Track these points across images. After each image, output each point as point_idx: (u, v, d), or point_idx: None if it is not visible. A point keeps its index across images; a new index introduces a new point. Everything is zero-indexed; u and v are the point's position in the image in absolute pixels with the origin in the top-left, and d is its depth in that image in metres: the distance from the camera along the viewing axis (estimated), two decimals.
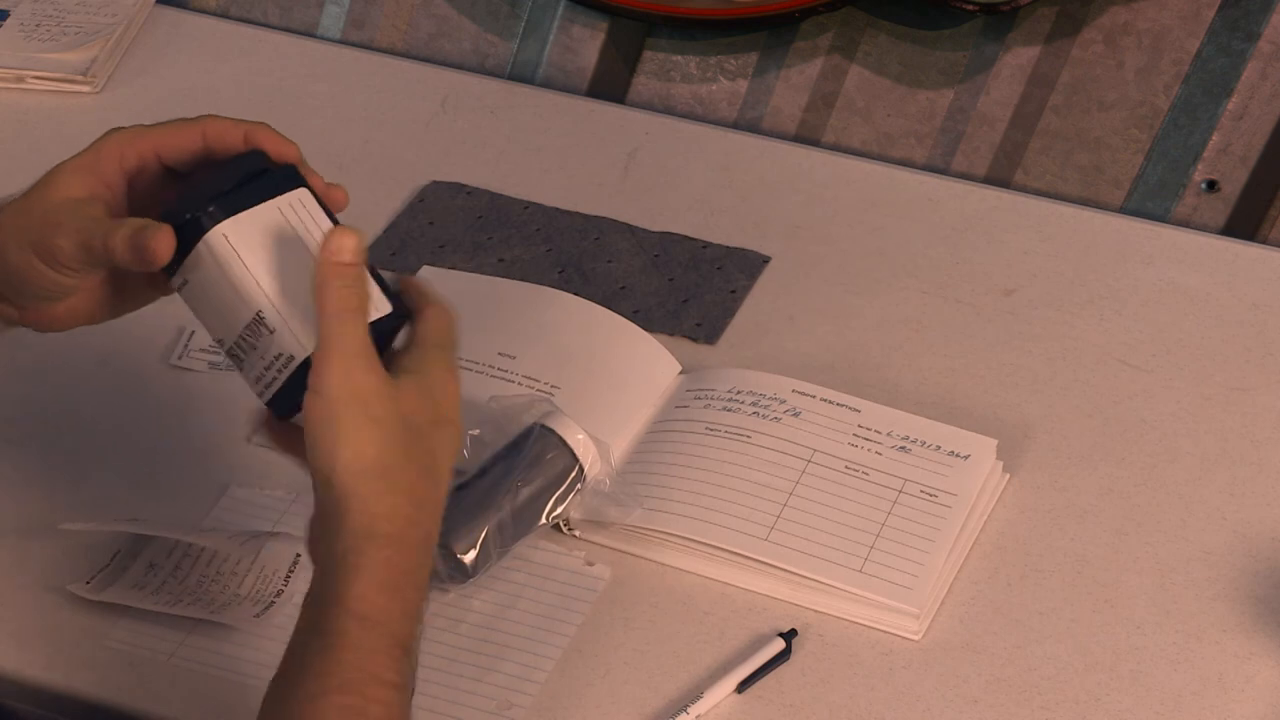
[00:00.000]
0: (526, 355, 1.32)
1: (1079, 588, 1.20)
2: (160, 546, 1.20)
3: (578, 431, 1.22)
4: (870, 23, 1.56)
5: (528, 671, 1.14)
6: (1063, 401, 1.32)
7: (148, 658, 1.16)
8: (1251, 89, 1.48)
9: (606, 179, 1.53)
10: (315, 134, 1.58)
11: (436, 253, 1.45)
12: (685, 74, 1.62)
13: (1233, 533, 1.23)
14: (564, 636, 1.16)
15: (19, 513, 1.24)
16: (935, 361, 1.35)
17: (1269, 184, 1.49)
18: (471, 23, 1.67)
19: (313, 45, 1.70)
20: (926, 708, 1.13)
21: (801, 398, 1.28)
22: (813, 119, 1.60)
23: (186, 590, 1.18)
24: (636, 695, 1.13)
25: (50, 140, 1.57)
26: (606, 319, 1.34)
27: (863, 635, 1.17)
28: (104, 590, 1.18)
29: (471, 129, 1.59)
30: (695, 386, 1.30)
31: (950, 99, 1.56)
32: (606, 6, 1.61)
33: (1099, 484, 1.26)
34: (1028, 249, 1.45)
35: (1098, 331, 1.38)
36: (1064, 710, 1.13)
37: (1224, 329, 1.38)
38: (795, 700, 1.13)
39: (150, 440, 1.29)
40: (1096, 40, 1.51)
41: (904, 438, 1.26)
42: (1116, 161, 1.53)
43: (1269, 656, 1.15)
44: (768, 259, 1.44)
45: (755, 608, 1.19)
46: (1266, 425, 1.30)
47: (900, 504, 1.22)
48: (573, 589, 1.19)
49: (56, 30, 1.67)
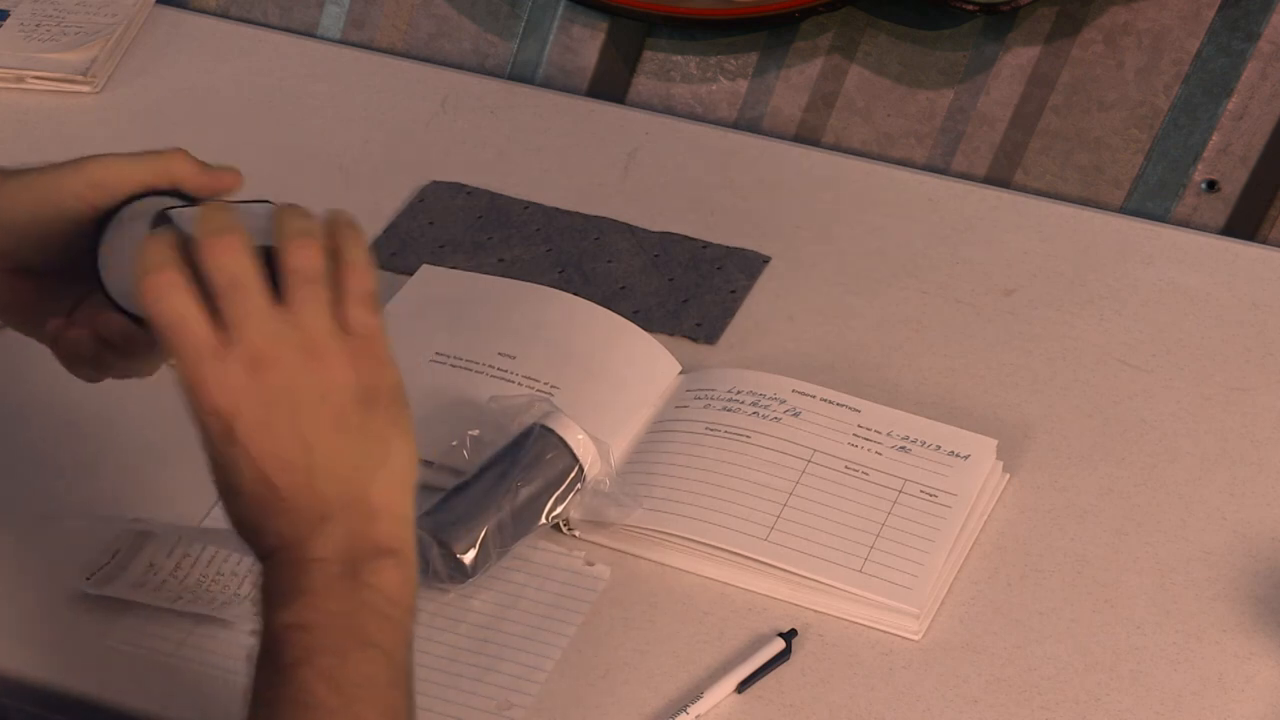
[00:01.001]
0: (526, 355, 1.32)
1: (1079, 588, 1.20)
2: (161, 546, 1.20)
3: (578, 431, 1.22)
4: (870, 23, 1.56)
5: (528, 671, 1.14)
6: (1063, 401, 1.32)
7: (148, 657, 1.16)
8: (1251, 89, 1.48)
9: (606, 179, 1.53)
10: (315, 134, 1.58)
11: (436, 253, 1.45)
12: (685, 74, 1.62)
13: (1233, 533, 1.23)
14: (564, 636, 1.16)
15: (19, 513, 1.24)
16: (935, 361, 1.35)
17: (1269, 184, 1.49)
18: (471, 23, 1.67)
19: (313, 45, 1.70)
20: (926, 708, 1.13)
21: (801, 398, 1.28)
22: (813, 119, 1.60)
23: (186, 589, 1.18)
24: (636, 695, 1.13)
25: (50, 140, 1.57)
26: (606, 319, 1.34)
27: (863, 635, 1.17)
28: (104, 587, 1.18)
29: (471, 129, 1.59)
30: (695, 386, 1.30)
31: (950, 99, 1.56)
32: (606, 6, 1.61)
33: (1099, 484, 1.26)
34: (1028, 249, 1.45)
35: (1098, 331, 1.38)
36: (1064, 710, 1.13)
37: (1224, 329, 1.38)
38: (795, 700, 1.13)
39: (150, 440, 1.29)
40: (1096, 40, 1.51)
41: (904, 438, 1.26)
42: (1116, 161, 1.53)
43: (1269, 656, 1.15)
44: (768, 259, 1.44)
45: (755, 608, 1.19)
46: (1266, 425, 1.30)
47: (900, 504, 1.22)
48: (573, 589, 1.19)
49: (56, 30, 1.67)
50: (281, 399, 0.96)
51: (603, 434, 1.24)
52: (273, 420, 0.96)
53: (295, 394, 0.96)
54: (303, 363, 0.97)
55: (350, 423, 0.97)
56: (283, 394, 0.96)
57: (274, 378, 0.96)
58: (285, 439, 0.96)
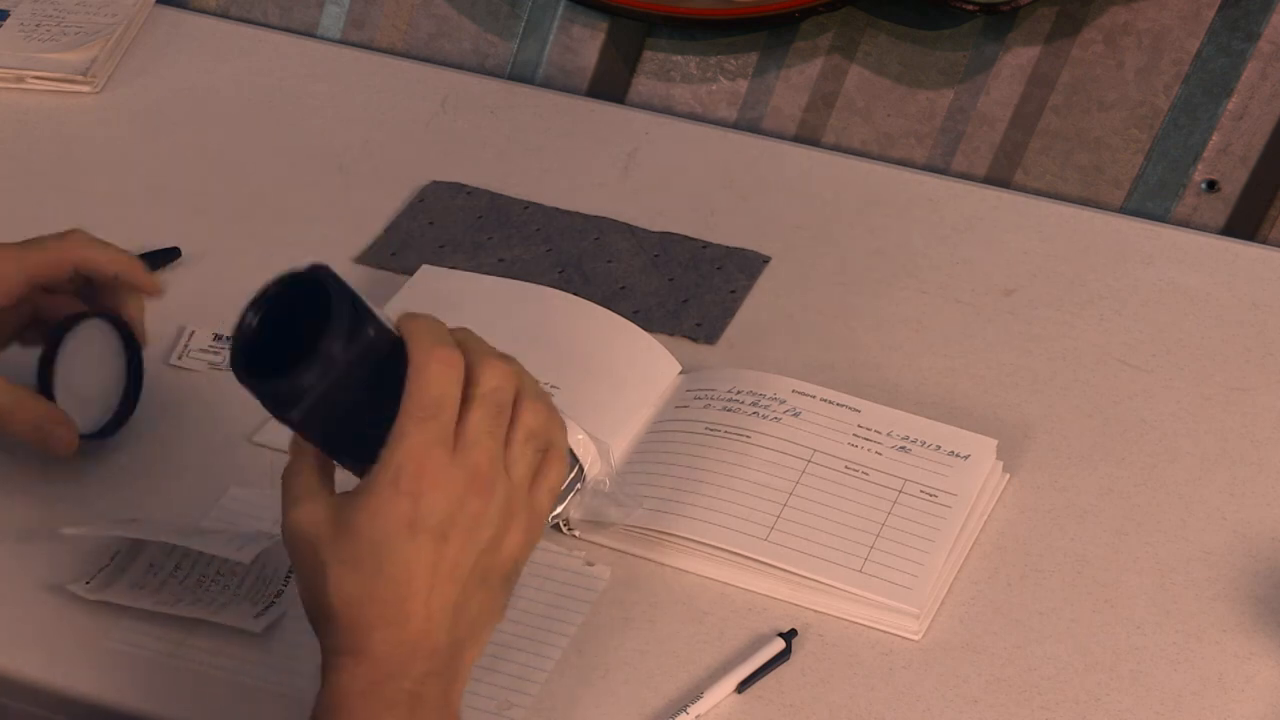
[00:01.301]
0: (526, 355, 1.31)
1: (1079, 588, 1.20)
2: (160, 546, 1.20)
3: (577, 431, 1.22)
4: (870, 23, 1.56)
5: (528, 671, 1.14)
6: (1063, 401, 1.32)
7: (148, 658, 1.16)
8: (1251, 89, 1.48)
9: (606, 179, 1.53)
10: (315, 134, 1.58)
11: (436, 253, 1.45)
12: (685, 74, 1.62)
13: (1233, 533, 1.23)
14: (564, 637, 1.16)
15: (19, 513, 1.24)
16: (935, 361, 1.35)
17: (1269, 184, 1.49)
18: (471, 23, 1.67)
19: (313, 45, 1.70)
20: (926, 708, 1.13)
21: (801, 398, 1.28)
22: (813, 119, 1.60)
23: (186, 590, 1.18)
24: (636, 695, 1.13)
25: (50, 140, 1.57)
26: (606, 319, 1.34)
27: (863, 635, 1.17)
28: (103, 590, 1.17)
29: (471, 129, 1.59)
30: (695, 386, 1.30)
31: (950, 99, 1.56)
32: (606, 6, 1.61)
33: (1099, 484, 1.26)
34: (1028, 249, 1.45)
35: (1098, 331, 1.38)
36: (1064, 710, 1.13)
37: (1224, 329, 1.38)
38: (795, 700, 1.13)
39: (150, 440, 1.29)
40: (1096, 40, 1.51)
41: (904, 438, 1.26)
42: (1116, 161, 1.53)
43: (1269, 656, 1.15)
44: (768, 259, 1.44)
45: (755, 608, 1.19)
46: (1266, 425, 1.30)
47: (900, 504, 1.22)
48: (573, 589, 1.19)
49: (56, 30, 1.67)
50: (468, 524, 0.98)
51: (603, 434, 1.24)
52: (452, 535, 0.97)
53: (481, 530, 0.99)
54: (501, 510, 0.99)
55: (492, 585, 1.01)
56: (473, 521, 0.98)
57: (475, 504, 0.98)
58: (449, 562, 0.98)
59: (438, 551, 0.97)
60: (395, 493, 0.96)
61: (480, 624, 1.01)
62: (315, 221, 1.49)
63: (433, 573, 0.97)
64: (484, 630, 1.02)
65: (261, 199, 1.52)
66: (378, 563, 0.97)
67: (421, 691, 0.98)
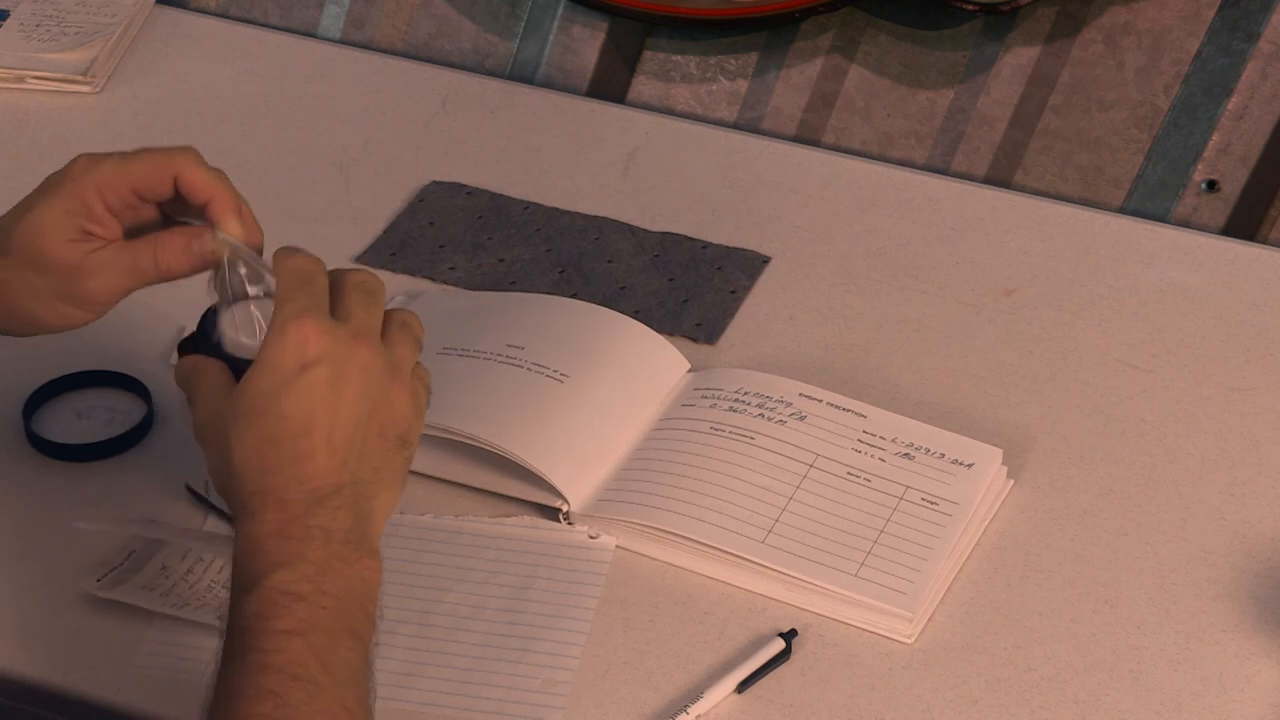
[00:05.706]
0: (535, 345, 1.31)
1: (1079, 588, 1.20)
2: (175, 549, 1.20)
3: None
4: (870, 23, 1.56)
5: (561, 648, 1.15)
6: (1063, 401, 1.32)
7: (149, 659, 1.15)
8: (1251, 89, 1.48)
9: (606, 179, 1.53)
10: (315, 134, 1.59)
11: (436, 253, 1.45)
12: (685, 74, 1.62)
13: (1233, 533, 1.23)
14: (588, 610, 1.17)
15: (21, 513, 1.24)
16: (935, 362, 1.36)
17: (1269, 184, 1.49)
18: (471, 23, 1.67)
19: (313, 45, 1.70)
20: (926, 708, 1.13)
21: (808, 401, 1.28)
22: (813, 119, 1.60)
23: (195, 595, 1.18)
24: (636, 695, 1.13)
25: (50, 140, 1.57)
26: (615, 319, 1.34)
27: (862, 636, 1.17)
28: (114, 589, 1.17)
29: (471, 129, 1.59)
30: (703, 386, 1.30)
31: (950, 99, 1.56)
32: (606, 6, 1.61)
33: (1099, 484, 1.26)
34: (1028, 249, 1.45)
35: (1098, 332, 1.38)
36: (1064, 710, 1.13)
37: (1224, 329, 1.38)
38: (795, 700, 1.13)
39: (151, 440, 1.29)
40: (1096, 40, 1.51)
41: (908, 444, 1.26)
42: (1116, 161, 1.53)
43: (1269, 656, 1.15)
44: (768, 259, 1.44)
45: (755, 608, 1.19)
46: (1266, 425, 1.30)
47: (901, 510, 1.22)
48: (584, 563, 1.20)
49: (56, 30, 1.67)
50: (358, 372, 1.02)
51: (609, 427, 1.25)
52: (344, 380, 1.02)
53: (370, 378, 1.03)
54: (387, 373, 1.04)
55: (388, 441, 1.04)
56: (363, 370, 1.03)
57: (364, 354, 1.03)
58: (347, 403, 1.02)
59: (333, 389, 1.01)
60: (283, 347, 1.01)
61: (384, 473, 1.04)
62: (315, 221, 1.49)
63: (331, 410, 1.01)
64: (390, 485, 1.05)
65: (262, 199, 1.51)
66: (276, 406, 1.01)
67: (331, 527, 1.00)
